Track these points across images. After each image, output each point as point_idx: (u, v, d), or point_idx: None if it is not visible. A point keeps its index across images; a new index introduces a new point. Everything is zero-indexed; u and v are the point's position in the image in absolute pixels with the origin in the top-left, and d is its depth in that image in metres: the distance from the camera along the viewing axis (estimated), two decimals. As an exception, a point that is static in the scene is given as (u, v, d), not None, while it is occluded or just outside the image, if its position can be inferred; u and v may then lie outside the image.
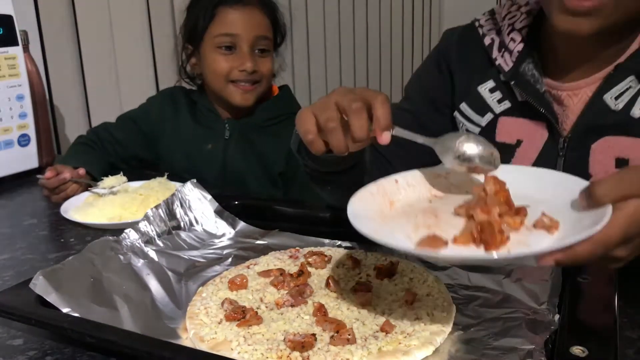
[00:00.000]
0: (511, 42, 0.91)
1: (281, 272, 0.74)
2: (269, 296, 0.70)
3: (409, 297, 0.66)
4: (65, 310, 0.64)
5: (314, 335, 0.60)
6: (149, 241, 0.83)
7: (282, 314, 0.66)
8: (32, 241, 0.98)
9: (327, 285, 0.71)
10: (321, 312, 0.64)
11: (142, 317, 0.67)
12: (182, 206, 0.90)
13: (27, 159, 1.38)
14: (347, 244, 0.85)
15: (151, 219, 0.85)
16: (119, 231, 0.81)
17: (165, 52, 1.86)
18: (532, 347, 0.57)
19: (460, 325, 0.63)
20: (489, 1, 1.81)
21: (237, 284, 0.72)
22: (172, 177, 1.16)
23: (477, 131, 0.96)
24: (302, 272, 0.73)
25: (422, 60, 1.11)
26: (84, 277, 0.71)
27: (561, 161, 0.87)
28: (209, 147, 1.38)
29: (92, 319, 0.63)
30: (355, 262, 0.76)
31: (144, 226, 0.83)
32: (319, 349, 0.58)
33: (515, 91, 0.90)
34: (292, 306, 0.67)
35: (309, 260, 0.77)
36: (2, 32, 1.29)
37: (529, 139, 0.90)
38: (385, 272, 0.73)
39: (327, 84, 2.73)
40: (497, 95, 0.93)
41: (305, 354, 0.58)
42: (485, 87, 0.94)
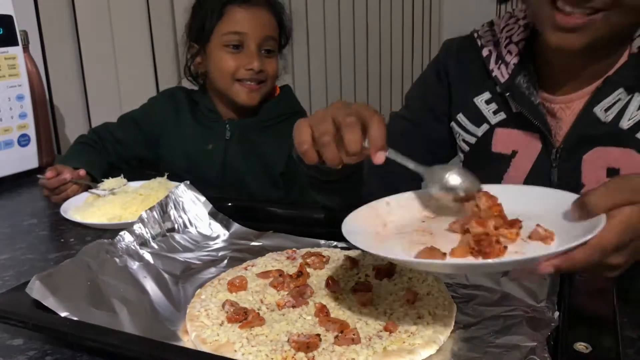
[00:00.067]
0: (508, 54, 0.92)
1: (280, 273, 0.74)
2: (269, 297, 0.70)
3: (410, 296, 0.67)
4: (63, 314, 0.63)
5: (318, 335, 0.59)
6: (143, 243, 0.82)
7: (283, 315, 0.65)
8: (32, 241, 0.98)
9: (327, 285, 0.71)
10: (323, 312, 0.64)
11: (142, 319, 0.66)
12: (175, 208, 0.89)
13: (27, 159, 1.37)
14: (342, 244, 0.85)
15: (145, 221, 0.84)
16: (118, 231, 0.80)
17: (165, 52, 1.85)
18: (534, 344, 0.57)
19: (461, 323, 0.63)
20: (488, 12, 1.84)
21: (237, 286, 0.72)
22: (172, 177, 1.15)
23: (473, 141, 0.98)
24: (301, 273, 0.73)
25: (421, 66, 1.13)
26: (80, 280, 0.70)
27: (555, 171, 0.89)
28: (210, 148, 1.38)
29: (91, 323, 0.62)
30: (353, 262, 0.76)
31: (138, 228, 0.83)
32: (323, 349, 0.58)
33: (510, 103, 0.92)
34: (294, 307, 0.67)
35: (307, 260, 0.77)
36: (2, 32, 1.28)
37: (523, 150, 0.92)
38: (384, 272, 0.73)
39: (327, 84, 2.73)
40: (493, 106, 0.95)
41: (310, 355, 0.57)
42: (481, 99, 0.96)
